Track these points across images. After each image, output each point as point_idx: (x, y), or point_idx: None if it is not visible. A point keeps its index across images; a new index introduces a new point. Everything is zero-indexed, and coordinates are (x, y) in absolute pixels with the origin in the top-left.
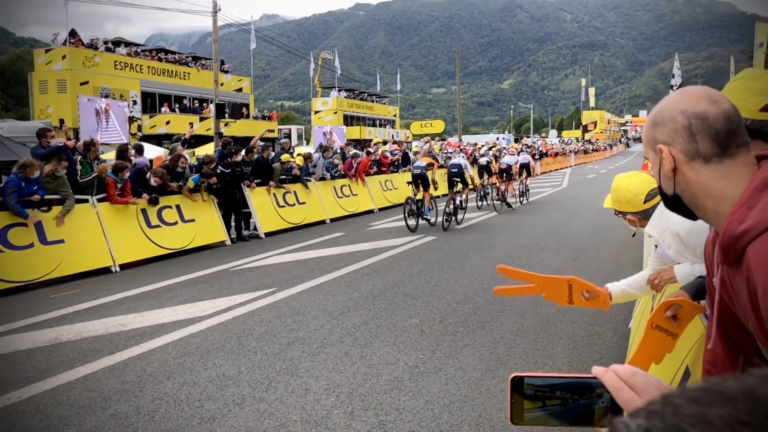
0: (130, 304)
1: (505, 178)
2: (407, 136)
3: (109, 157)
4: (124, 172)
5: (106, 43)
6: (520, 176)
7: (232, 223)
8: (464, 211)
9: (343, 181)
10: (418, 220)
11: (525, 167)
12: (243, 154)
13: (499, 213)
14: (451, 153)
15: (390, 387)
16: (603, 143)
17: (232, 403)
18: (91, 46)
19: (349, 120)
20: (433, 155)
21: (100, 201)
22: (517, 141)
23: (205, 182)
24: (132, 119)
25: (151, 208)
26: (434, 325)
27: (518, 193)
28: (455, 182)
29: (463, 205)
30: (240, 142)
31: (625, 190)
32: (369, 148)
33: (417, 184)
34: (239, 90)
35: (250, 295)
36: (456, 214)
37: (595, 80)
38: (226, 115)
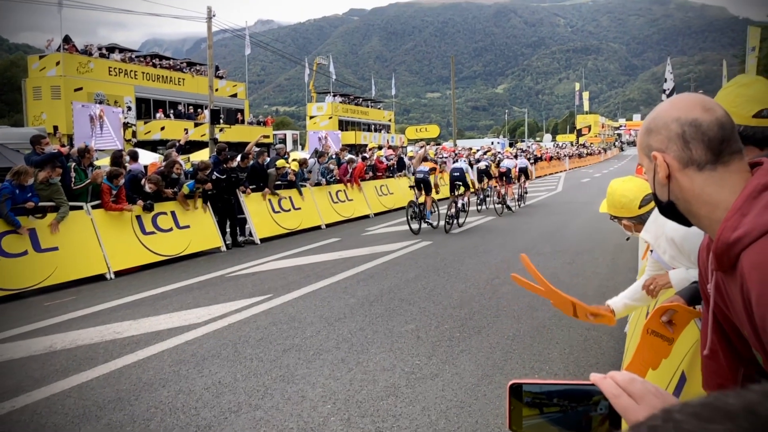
0: (125, 311)
1: (505, 182)
2: (402, 141)
3: (104, 163)
4: (118, 179)
5: (100, 49)
6: (518, 180)
7: (228, 229)
8: (466, 214)
9: (339, 187)
10: (420, 223)
11: (523, 171)
12: (239, 160)
13: (499, 216)
14: (446, 158)
15: (387, 393)
16: (597, 147)
17: (228, 411)
18: (85, 52)
19: (344, 125)
20: (434, 160)
21: (95, 208)
22: (511, 145)
23: (200, 188)
24: (126, 125)
25: (145, 214)
26: (430, 330)
27: (517, 196)
28: (457, 186)
29: (465, 208)
30: (235, 148)
31: (621, 196)
32: (365, 154)
33: (420, 187)
34: (234, 95)
35: (245, 301)
36: (458, 217)
37: (589, 84)
38: (221, 121)
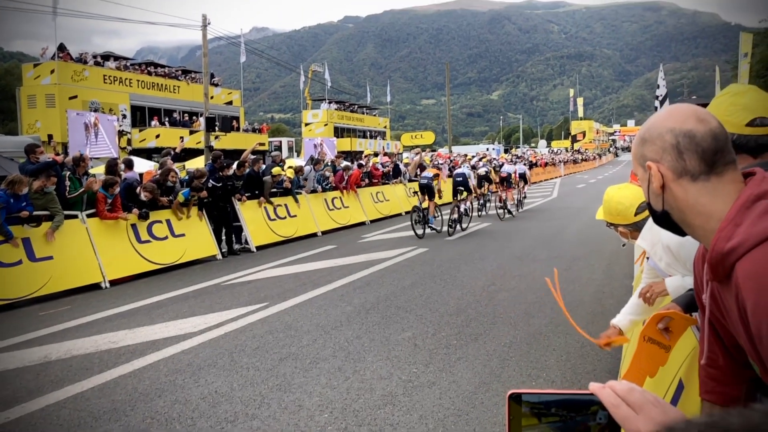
0: (121, 320)
1: (506, 186)
2: (398, 148)
3: (98, 171)
4: (114, 187)
5: (95, 57)
6: (518, 185)
7: (223, 237)
8: (470, 219)
9: (335, 194)
10: (425, 228)
11: (522, 176)
12: (235, 168)
13: (501, 220)
14: (441, 164)
15: (384, 402)
16: (592, 153)
17: (224, 421)
18: (80, 61)
19: (339, 132)
20: (436, 165)
21: (90, 216)
22: (506, 151)
23: (195, 196)
24: (121, 133)
25: (141, 223)
26: (427, 338)
27: (515, 201)
28: (459, 191)
29: (468, 213)
30: (230, 155)
31: (617, 203)
32: (361, 161)
33: (423, 192)
34: (229, 103)
35: (241, 310)
36: (461, 221)
37: (583, 90)
38: (217, 129)
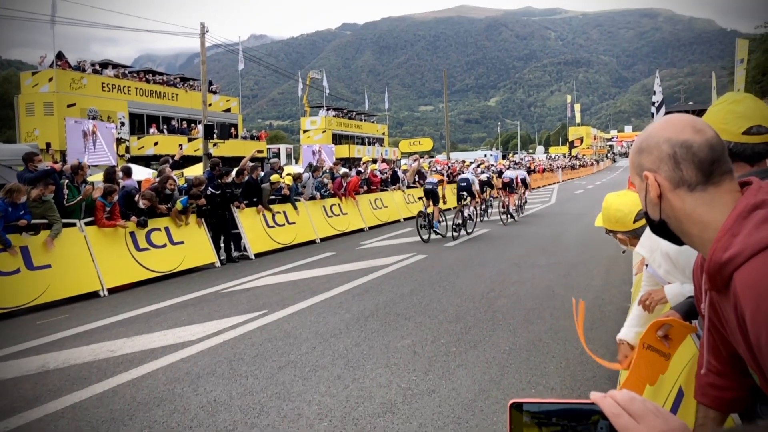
0: (119, 329)
1: (508, 192)
2: (396, 154)
3: (97, 179)
4: (112, 195)
5: (93, 65)
6: (519, 190)
7: (222, 245)
8: (474, 223)
9: (333, 200)
10: (430, 232)
11: (523, 181)
12: (234, 175)
13: (504, 224)
14: (440, 170)
15: (383, 410)
16: (590, 159)
17: (224, 430)
18: (78, 68)
19: (337, 139)
20: (441, 172)
21: (88, 224)
22: (504, 158)
23: (193, 204)
24: (120, 141)
25: (139, 230)
26: (426, 345)
27: (517, 206)
28: (463, 196)
29: (472, 217)
30: (229, 163)
31: (616, 210)
32: (359, 168)
33: (428, 198)
34: (227, 110)
35: (240, 317)
36: (465, 225)
37: (581, 96)
38: (215, 136)
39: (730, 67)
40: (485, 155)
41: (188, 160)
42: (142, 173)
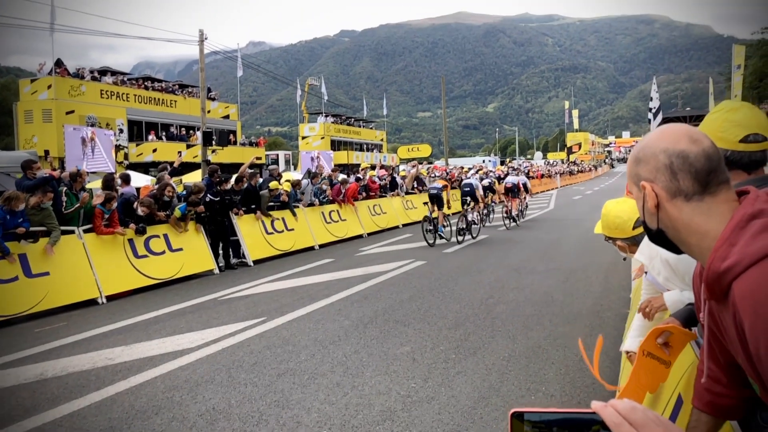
0: (117, 336)
1: (511, 196)
2: (395, 161)
3: (95, 185)
4: (111, 203)
5: (92, 72)
6: (521, 195)
7: (220, 251)
8: (479, 228)
9: (332, 207)
10: (435, 236)
11: (524, 186)
12: (233, 182)
13: (508, 229)
14: (438, 176)
15: (383, 418)
16: (588, 164)
17: None
18: (77, 76)
19: (336, 145)
20: (445, 178)
21: (87, 232)
22: (503, 163)
23: (192, 211)
24: (118, 147)
25: (138, 237)
26: (426, 352)
27: (518, 210)
28: (467, 201)
29: (475, 222)
30: (228, 169)
31: (615, 217)
32: (358, 174)
33: (433, 203)
34: (226, 117)
35: (239, 325)
36: (470, 229)
37: (578, 102)
38: (214, 143)
39: (727, 72)
40: (483, 161)
41: (187, 167)
42: (140, 180)
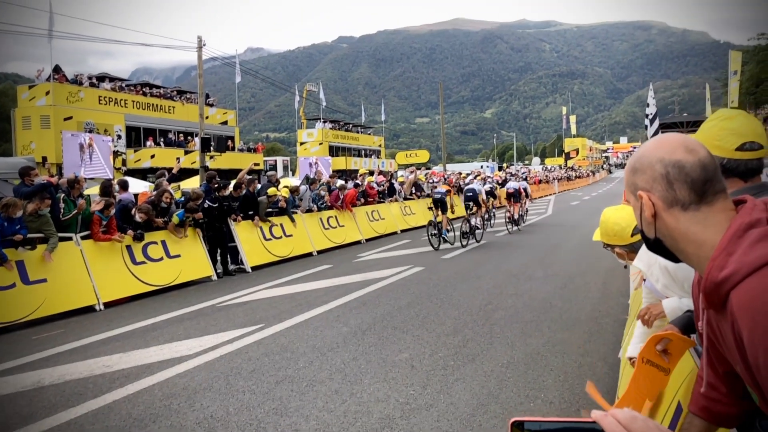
0: (115, 343)
1: (513, 201)
2: (393, 166)
3: (93, 192)
4: (109, 209)
5: (90, 78)
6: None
7: (218, 258)
8: (482, 232)
9: (330, 213)
10: (440, 240)
11: (525, 191)
12: (231, 189)
13: (510, 233)
14: (436, 182)
15: (381, 425)
16: (585, 170)
17: None
18: (75, 82)
19: (334, 151)
20: (448, 183)
21: (84, 238)
22: (501, 169)
23: (189, 217)
24: (116, 153)
25: (136, 244)
26: (424, 359)
27: (520, 215)
28: (469, 205)
29: (478, 226)
30: (226, 175)
31: (613, 224)
32: (357, 180)
33: (437, 207)
34: (224, 123)
35: (237, 332)
36: (474, 233)
37: (576, 108)
38: (212, 149)
39: (724, 78)
40: (482, 167)
41: (185, 173)
42: (138, 186)
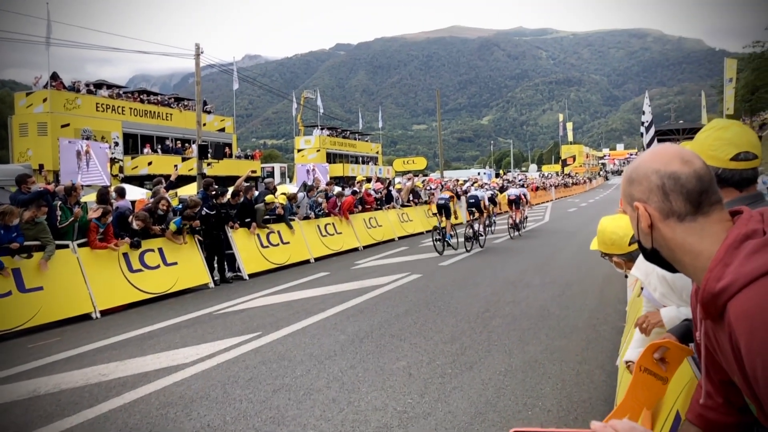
0: (112, 352)
1: (515, 208)
2: (390, 173)
3: (89, 199)
4: (106, 217)
5: (87, 85)
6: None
7: (215, 265)
8: (485, 237)
9: (327, 220)
10: (444, 245)
11: (524, 197)
12: (229, 196)
13: (512, 238)
14: (433, 189)
15: None
16: (582, 177)
17: None
18: (72, 89)
19: (332, 157)
20: (451, 189)
21: (81, 246)
22: (497, 176)
23: (187, 225)
24: (114, 160)
25: (133, 251)
26: (422, 367)
27: (519, 221)
28: (471, 211)
29: (482, 232)
30: (223, 182)
31: (611, 233)
32: (355, 188)
33: (441, 213)
34: (222, 130)
35: (234, 340)
36: (477, 238)
37: (572, 115)
38: (209, 156)
39: (720, 86)
40: (479, 173)
41: (182, 180)
42: (135, 193)
